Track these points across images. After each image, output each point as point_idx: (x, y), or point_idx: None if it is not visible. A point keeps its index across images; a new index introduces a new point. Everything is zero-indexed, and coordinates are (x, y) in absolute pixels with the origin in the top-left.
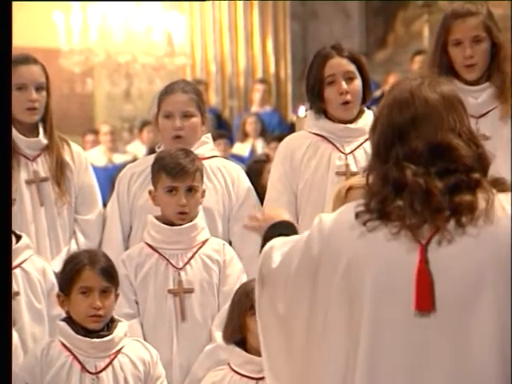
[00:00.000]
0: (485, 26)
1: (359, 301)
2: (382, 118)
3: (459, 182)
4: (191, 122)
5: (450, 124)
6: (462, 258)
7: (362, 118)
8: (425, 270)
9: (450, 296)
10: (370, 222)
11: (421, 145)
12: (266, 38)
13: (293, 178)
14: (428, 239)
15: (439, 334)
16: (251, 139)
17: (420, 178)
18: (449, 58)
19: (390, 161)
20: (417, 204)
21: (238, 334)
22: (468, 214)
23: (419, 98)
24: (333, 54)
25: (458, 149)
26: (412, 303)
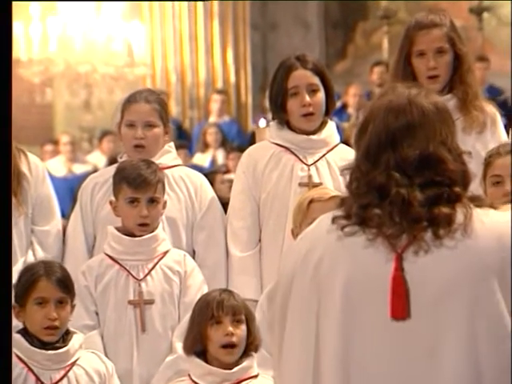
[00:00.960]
0: (448, 37)
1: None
2: (375, 120)
3: (440, 195)
4: (153, 132)
5: (442, 136)
6: (438, 268)
7: (325, 129)
8: (400, 278)
9: (424, 305)
10: (349, 226)
11: (412, 154)
12: (226, 49)
13: (255, 189)
14: (404, 248)
15: (413, 342)
16: (212, 150)
17: (403, 188)
18: (412, 69)
19: (381, 166)
20: (396, 215)
21: (198, 345)
22: (446, 226)
23: (416, 106)
24: (297, 65)
25: (446, 162)
26: (387, 311)
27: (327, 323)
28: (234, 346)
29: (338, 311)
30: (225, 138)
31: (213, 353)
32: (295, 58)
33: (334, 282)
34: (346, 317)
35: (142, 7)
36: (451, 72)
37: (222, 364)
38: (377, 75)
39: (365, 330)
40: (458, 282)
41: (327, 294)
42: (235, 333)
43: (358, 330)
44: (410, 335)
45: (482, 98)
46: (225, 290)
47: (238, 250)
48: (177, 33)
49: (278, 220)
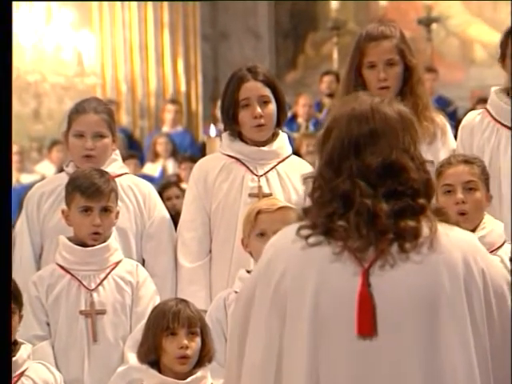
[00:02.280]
0: (398, 49)
1: (296, 319)
2: (338, 128)
3: (405, 207)
4: (102, 143)
5: (404, 145)
6: (404, 283)
7: (277, 140)
8: (367, 294)
9: (391, 321)
10: (313, 236)
11: (375, 161)
12: (177, 59)
13: (206, 200)
14: (371, 263)
15: (380, 358)
16: (162, 159)
17: (368, 199)
18: (363, 80)
19: (344, 173)
20: (362, 226)
21: (152, 355)
22: (412, 239)
23: (379, 114)
24: (248, 77)
25: (409, 171)
26: (354, 327)
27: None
28: (188, 357)
29: (306, 326)
30: (175, 148)
31: (167, 363)
32: (246, 69)
33: (300, 296)
34: (314, 332)
35: (92, 16)
36: (401, 83)
37: (176, 374)
38: (326, 84)
39: (333, 346)
40: (423, 298)
41: (293, 308)
42: (190, 345)
43: (325, 346)
44: (376, 352)
45: (432, 109)
46: (181, 300)
47: (188, 261)
48: (127, 42)
49: (228, 231)
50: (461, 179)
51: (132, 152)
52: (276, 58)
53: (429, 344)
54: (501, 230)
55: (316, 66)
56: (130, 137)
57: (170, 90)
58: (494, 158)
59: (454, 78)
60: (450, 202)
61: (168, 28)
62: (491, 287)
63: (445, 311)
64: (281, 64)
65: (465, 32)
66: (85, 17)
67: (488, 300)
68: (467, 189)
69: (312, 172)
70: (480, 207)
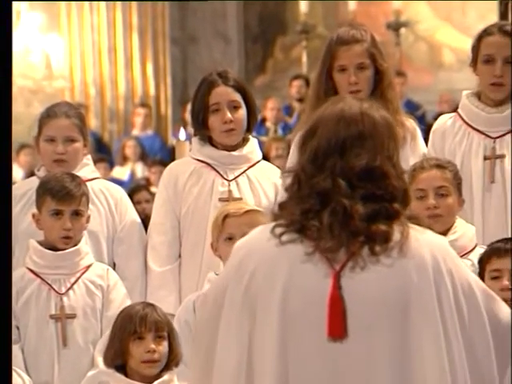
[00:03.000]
0: (369, 53)
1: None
2: (325, 127)
3: (380, 211)
4: (74, 147)
5: (389, 151)
6: (375, 285)
7: (247, 145)
8: (337, 296)
9: (361, 323)
10: (287, 233)
11: (359, 164)
12: (146, 62)
13: (176, 204)
14: (342, 265)
15: (350, 360)
16: (130, 163)
17: (345, 199)
18: (334, 84)
19: (326, 171)
20: (335, 226)
21: (119, 359)
22: (382, 243)
23: (368, 118)
24: (218, 82)
25: (390, 178)
26: (324, 329)
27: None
28: (155, 361)
29: (275, 327)
30: (144, 152)
31: (134, 367)
32: (217, 74)
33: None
34: (284, 333)
35: (61, 19)
36: (372, 87)
37: (143, 378)
38: (296, 89)
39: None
40: (393, 301)
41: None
42: (157, 349)
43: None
44: (346, 354)
45: (402, 113)
46: (148, 303)
47: (158, 265)
48: (95, 45)
49: (198, 235)
50: (433, 184)
51: (101, 155)
52: (245, 61)
53: (399, 346)
54: (472, 233)
55: (285, 70)
56: (98, 140)
57: (139, 94)
58: (466, 162)
59: (423, 82)
60: (421, 206)
61: (137, 31)
62: (460, 287)
63: (415, 314)
64: (250, 68)
65: (433, 36)
66: (53, 20)
67: (458, 300)
68: (439, 194)
69: (292, 167)
70: (452, 212)
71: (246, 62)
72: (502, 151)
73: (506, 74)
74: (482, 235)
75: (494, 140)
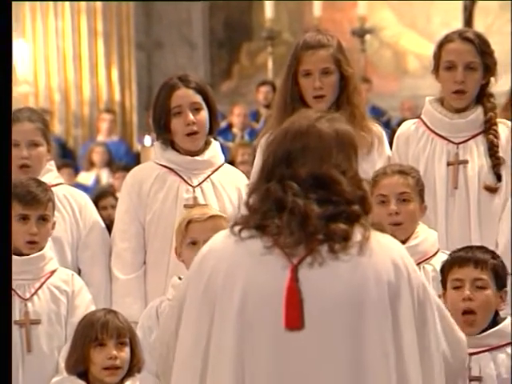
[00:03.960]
0: (334, 58)
1: (225, 313)
2: (275, 140)
3: (338, 212)
4: (38, 152)
5: (336, 161)
6: (332, 280)
7: (209, 149)
8: (294, 288)
9: (317, 316)
10: (246, 230)
11: (304, 172)
12: (111, 67)
13: (140, 210)
14: (300, 259)
15: (306, 351)
16: (96, 169)
17: (300, 199)
18: (299, 88)
19: (274, 179)
20: (294, 225)
21: (80, 366)
22: (341, 241)
23: (314, 131)
24: (179, 85)
25: (340, 183)
26: (281, 321)
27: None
28: (117, 368)
29: (234, 318)
30: (111, 158)
31: (95, 374)
32: (177, 77)
33: (230, 289)
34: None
35: (25, 25)
36: (337, 92)
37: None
38: (263, 95)
39: (259, 337)
40: (350, 296)
41: (223, 302)
42: (119, 356)
43: (252, 338)
44: (302, 345)
45: (368, 118)
46: (110, 310)
47: (123, 273)
48: (60, 51)
49: (163, 241)
50: (395, 190)
51: (66, 161)
52: (211, 67)
53: (353, 340)
54: (434, 239)
55: (251, 76)
56: (63, 146)
57: (104, 99)
58: (429, 168)
59: (388, 89)
60: (383, 212)
61: (102, 37)
62: (416, 290)
63: (368, 311)
64: (216, 73)
65: (398, 43)
66: (18, 25)
67: (414, 302)
68: (401, 200)
69: (250, 183)
70: (413, 218)
71: (212, 68)
72: (466, 157)
73: (467, 80)
74: (445, 241)
75: (457, 146)
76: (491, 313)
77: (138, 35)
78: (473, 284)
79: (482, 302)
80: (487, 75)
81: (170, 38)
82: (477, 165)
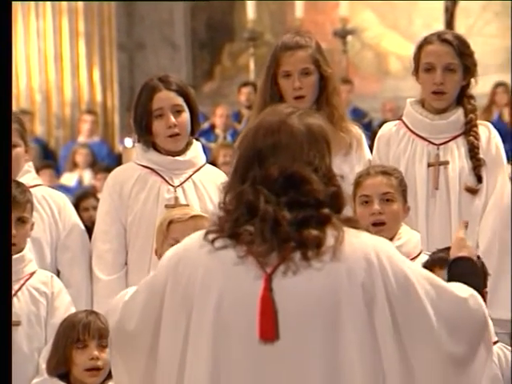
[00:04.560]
0: (313, 59)
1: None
2: (247, 137)
3: (309, 217)
4: (16, 153)
5: (308, 157)
6: (306, 289)
7: (191, 150)
8: (268, 298)
9: (292, 325)
10: (219, 240)
11: (276, 172)
12: (93, 68)
13: (122, 211)
14: (274, 268)
15: (281, 361)
16: (79, 170)
17: (270, 206)
18: (279, 89)
19: (247, 182)
20: (267, 232)
21: (62, 367)
22: (314, 248)
23: (286, 127)
24: (160, 87)
25: (310, 182)
26: (255, 331)
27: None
28: (99, 369)
29: (209, 329)
30: (95, 159)
31: (77, 375)
32: (158, 79)
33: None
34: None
35: None
36: (317, 93)
37: None
38: (245, 96)
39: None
40: (324, 304)
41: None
42: (100, 357)
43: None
44: (277, 356)
45: (347, 120)
46: (91, 311)
47: (104, 274)
48: (42, 52)
49: (145, 242)
50: (378, 190)
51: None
52: (193, 68)
53: (329, 348)
54: (417, 240)
55: (233, 77)
56: (45, 147)
57: (85, 100)
58: (410, 169)
59: (369, 90)
60: (366, 212)
61: (84, 38)
62: (394, 283)
63: (344, 317)
64: (197, 74)
65: (379, 44)
66: None
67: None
68: (384, 200)
69: (225, 181)
70: (397, 218)
71: (194, 69)
72: (446, 158)
73: (446, 82)
74: (426, 241)
75: (437, 147)
76: None
77: (119, 36)
78: None
79: None
80: (467, 76)
81: (151, 38)
82: (457, 166)
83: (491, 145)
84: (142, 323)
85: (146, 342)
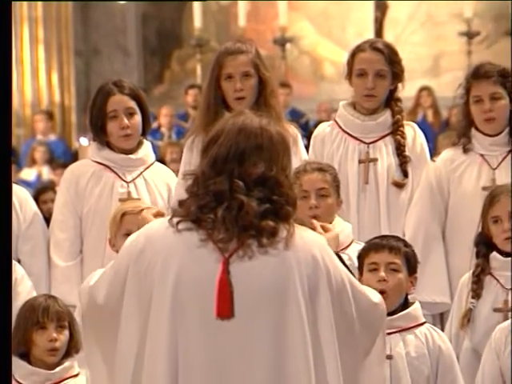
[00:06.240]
0: (253, 63)
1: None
2: (226, 136)
3: (272, 210)
4: None
5: (283, 164)
6: (260, 273)
7: (142, 148)
8: (226, 280)
9: (246, 305)
10: (183, 222)
11: (256, 172)
12: (51, 72)
13: (78, 203)
14: (231, 253)
15: (235, 338)
16: (38, 166)
17: (241, 196)
18: (221, 92)
19: (224, 174)
20: (228, 220)
21: (22, 347)
22: (269, 237)
23: (267, 133)
24: (114, 91)
25: (283, 187)
26: (212, 310)
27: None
28: (57, 349)
29: (168, 307)
30: (52, 156)
31: (36, 355)
32: (112, 83)
33: (166, 278)
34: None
35: None
36: (256, 95)
37: (46, 365)
38: (191, 97)
39: (191, 325)
40: (275, 288)
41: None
42: (58, 338)
43: (185, 325)
44: (231, 332)
45: (284, 120)
46: (50, 296)
47: (61, 260)
48: None
49: (99, 232)
50: (314, 186)
51: None
52: (144, 72)
53: (277, 327)
54: (349, 230)
55: (181, 81)
56: None
57: (44, 101)
58: (343, 165)
59: (306, 93)
60: (304, 206)
61: (43, 44)
62: (334, 281)
63: (291, 300)
64: (148, 78)
65: (315, 51)
66: None
67: (332, 292)
68: (320, 195)
69: (193, 170)
70: (331, 211)
71: (145, 73)
72: (375, 155)
73: (377, 87)
74: (357, 232)
75: (367, 145)
76: (402, 295)
77: (76, 42)
78: (387, 267)
79: (395, 284)
80: (395, 81)
81: (106, 45)
82: (386, 162)
83: (416, 143)
84: (111, 296)
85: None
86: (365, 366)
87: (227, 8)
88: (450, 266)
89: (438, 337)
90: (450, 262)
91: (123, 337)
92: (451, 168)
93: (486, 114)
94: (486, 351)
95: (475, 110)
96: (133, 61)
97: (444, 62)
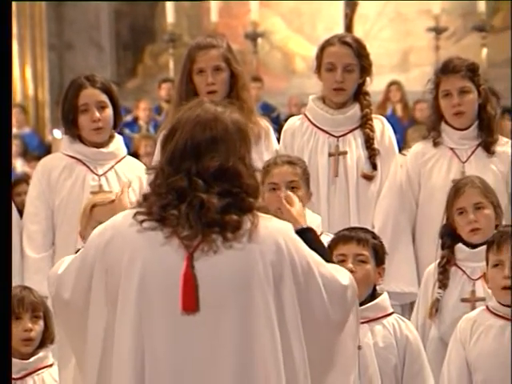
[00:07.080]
0: (224, 57)
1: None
2: (182, 130)
3: (233, 203)
4: None
5: (240, 153)
6: (224, 267)
7: (113, 142)
8: (190, 274)
9: (211, 299)
10: (148, 222)
11: (213, 165)
12: (25, 67)
13: (50, 196)
14: (195, 248)
15: (200, 332)
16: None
17: (201, 193)
18: (193, 85)
19: (182, 172)
20: (192, 216)
21: None
22: (234, 231)
23: (221, 123)
24: (86, 84)
25: (243, 176)
26: (178, 305)
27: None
28: (32, 339)
29: (133, 303)
30: (26, 149)
31: (12, 345)
32: (84, 77)
33: (130, 277)
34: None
35: None
36: (228, 88)
37: (20, 355)
38: (165, 91)
39: (158, 321)
40: (239, 281)
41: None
42: (33, 328)
43: (151, 321)
44: (197, 326)
45: (256, 113)
46: (25, 287)
47: (34, 252)
48: None
49: (71, 224)
50: (285, 179)
51: None
52: (117, 67)
53: (243, 317)
54: (318, 222)
55: (154, 75)
56: None
57: (18, 95)
58: (313, 158)
59: (278, 87)
60: (273, 198)
61: (17, 39)
62: (299, 266)
63: (256, 292)
64: (122, 72)
65: (286, 46)
66: None
67: (297, 277)
68: (290, 188)
69: (155, 165)
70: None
71: (118, 68)
72: (345, 148)
73: (346, 80)
74: (327, 224)
75: (337, 139)
76: (370, 286)
77: (50, 37)
78: (355, 259)
79: (363, 275)
80: (363, 75)
81: (79, 40)
82: (355, 155)
83: (385, 136)
84: (76, 292)
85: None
86: (340, 340)
87: (199, 3)
88: (419, 257)
89: (405, 327)
90: (420, 254)
91: (91, 330)
92: (422, 161)
93: (455, 108)
94: (452, 341)
95: (444, 105)
96: (106, 55)
97: (413, 57)
